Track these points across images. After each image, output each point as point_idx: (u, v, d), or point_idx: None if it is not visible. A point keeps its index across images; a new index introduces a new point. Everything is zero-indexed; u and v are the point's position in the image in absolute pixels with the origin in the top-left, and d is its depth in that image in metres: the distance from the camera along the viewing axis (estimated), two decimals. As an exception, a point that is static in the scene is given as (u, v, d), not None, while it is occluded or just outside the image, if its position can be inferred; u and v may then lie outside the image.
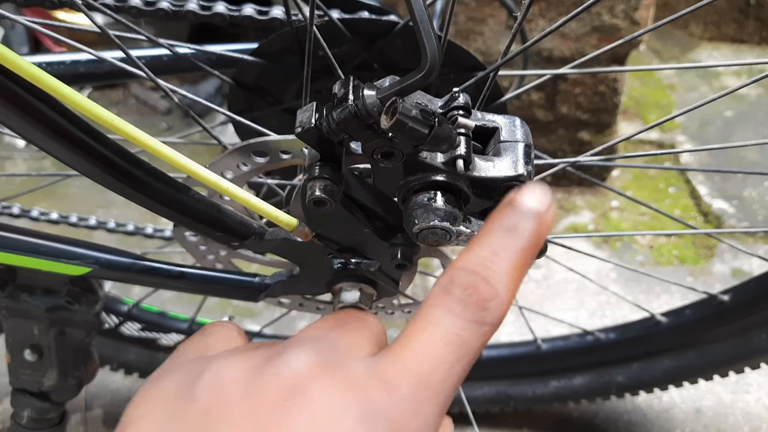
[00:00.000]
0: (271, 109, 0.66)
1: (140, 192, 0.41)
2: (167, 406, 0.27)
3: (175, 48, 0.60)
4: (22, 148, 1.96)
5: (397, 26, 0.57)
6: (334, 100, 0.32)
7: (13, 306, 0.61)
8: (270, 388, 0.25)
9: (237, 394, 0.26)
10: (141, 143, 0.35)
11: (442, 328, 0.26)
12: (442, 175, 0.34)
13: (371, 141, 0.32)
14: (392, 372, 0.26)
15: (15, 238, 0.53)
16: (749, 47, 2.47)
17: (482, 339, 0.26)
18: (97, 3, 0.49)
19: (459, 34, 1.52)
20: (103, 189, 0.41)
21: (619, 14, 1.44)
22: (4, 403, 1.18)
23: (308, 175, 0.36)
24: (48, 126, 0.35)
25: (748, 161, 1.83)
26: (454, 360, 0.26)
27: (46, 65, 0.62)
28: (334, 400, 0.25)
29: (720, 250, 1.54)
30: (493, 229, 0.29)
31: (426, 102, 0.35)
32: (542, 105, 1.65)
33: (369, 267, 0.47)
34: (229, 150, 0.45)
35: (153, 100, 2.15)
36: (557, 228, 1.64)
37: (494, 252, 0.28)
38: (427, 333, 0.26)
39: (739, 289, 0.82)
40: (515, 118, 0.36)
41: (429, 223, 0.33)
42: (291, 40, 0.59)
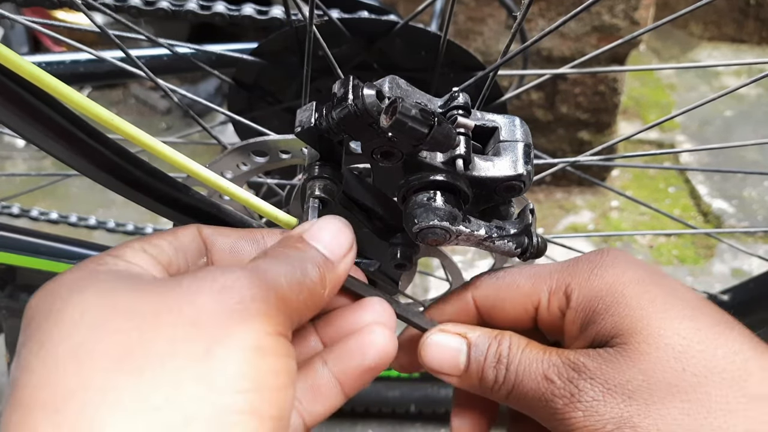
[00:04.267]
0: (270, 108, 0.66)
1: (140, 192, 0.41)
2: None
3: (175, 48, 0.60)
4: (21, 148, 1.96)
5: (396, 26, 0.57)
6: (334, 100, 0.32)
7: (13, 306, 0.61)
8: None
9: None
10: (141, 143, 0.35)
11: None
12: (441, 175, 0.34)
13: (371, 140, 0.32)
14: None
15: (15, 238, 0.53)
16: (749, 47, 2.47)
17: None
18: (96, 3, 0.49)
19: (459, 33, 1.52)
20: (102, 189, 0.41)
21: (619, 14, 1.44)
22: (5, 402, 1.18)
23: (308, 174, 0.36)
24: (48, 125, 0.35)
25: (748, 161, 1.83)
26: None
27: (46, 65, 0.62)
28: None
29: (720, 249, 1.54)
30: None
31: (425, 101, 0.35)
32: (542, 105, 1.65)
33: (368, 267, 0.47)
34: (229, 150, 0.45)
35: (153, 99, 2.15)
36: (557, 228, 1.64)
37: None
38: None
39: (738, 288, 0.82)
40: (515, 117, 0.36)
41: (429, 222, 0.33)
42: (291, 40, 0.59)
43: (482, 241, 0.35)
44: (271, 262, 0.29)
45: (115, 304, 0.25)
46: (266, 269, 0.28)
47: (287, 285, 0.29)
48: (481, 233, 0.35)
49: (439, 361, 0.35)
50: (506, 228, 0.36)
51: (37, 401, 0.23)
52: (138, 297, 0.26)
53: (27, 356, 0.24)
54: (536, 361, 0.33)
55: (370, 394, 1.11)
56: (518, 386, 0.33)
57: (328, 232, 0.32)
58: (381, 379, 1.11)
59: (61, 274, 0.28)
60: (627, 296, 0.32)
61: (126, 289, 0.26)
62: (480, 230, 0.35)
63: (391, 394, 1.11)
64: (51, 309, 0.25)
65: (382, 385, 1.11)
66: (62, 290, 0.26)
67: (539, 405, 0.32)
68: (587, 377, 0.31)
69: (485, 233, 0.35)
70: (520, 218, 0.37)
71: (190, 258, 0.32)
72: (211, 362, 0.24)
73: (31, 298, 0.28)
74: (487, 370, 0.34)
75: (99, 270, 0.28)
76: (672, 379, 0.29)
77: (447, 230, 0.33)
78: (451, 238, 0.34)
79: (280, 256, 0.30)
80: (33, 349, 0.24)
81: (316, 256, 0.31)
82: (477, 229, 0.34)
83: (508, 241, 0.36)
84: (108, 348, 0.24)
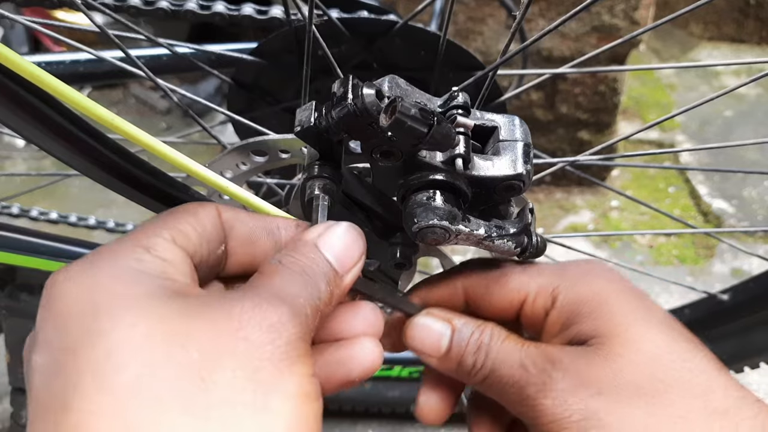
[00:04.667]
0: (270, 108, 0.66)
1: (140, 191, 0.41)
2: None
3: (175, 48, 0.60)
4: (21, 148, 1.96)
5: (396, 26, 0.57)
6: (333, 99, 0.32)
7: (12, 305, 0.61)
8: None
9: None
10: (141, 142, 0.35)
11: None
12: (441, 174, 0.34)
13: (370, 140, 0.32)
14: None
15: (15, 238, 0.53)
16: (749, 47, 2.47)
17: None
18: (96, 3, 0.49)
19: (459, 33, 1.52)
20: (102, 188, 0.41)
21: (618, 14, 1.44)
22: (4, 402, 1.18)
23: (307, 174, 0.36)
24: (48, 125, 0.35)
25: (748, 161, 1.83)
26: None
27: (46, 65, 0.62)
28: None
29: (720, 249, 1.54)
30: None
31: (425, 101, 0.35)
32: (542, 105, 1.65)
33: (368, 266, 0.47)
34: (229, 149, 0.45)
35: (152, 99, 2.15)
36: (557, 227, 1.64)
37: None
38: None
39: (738, 288, 0.82)
40: (514, 117, 0.36)
41: (428, 221, 0.33)
42: (290, 40, 0.59)
43: (481, 241, 0.35)
44: (293, 283, 0.29)
45: (172, 332, 0.24)
46: (295, 295, 0.28)
47: (311, 313, 0.29)
48: (481, 233, 0.35)
49: (422, 342, 0.37)
50: (506, 227, 0.36)
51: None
52: (192, 324, 0.25)
53: (77, 375, 0.23)
54: (514, 351, 0.34)
55: (370, 394, 1.11)
56: (494, 372, 0.34)
57: (342, 242, 0.32)
58: (381, 379, 1.11)
59: (92, 263, 0.27)
60: (610, 304, 0.34)
61: (178, 311, 0.25)
62: (479, 230, 0.35)
63: (391, 394, 1.11)
64: (99, 327, 0.24)
65: (382, 385, 1.11)
66: (105, 301, 0.25)
67: (511, 391, 0.33)
68: (560, 369, 0.33)
69: (484, 233, 0.35)
70: (520, 218, 0.37)
71: (211, 247, 0.31)
72: (268, 414, 0.24)
73: (57, 290, 0.26)
74: (467, 355, 0.35)
75: (140, 274, 0.27)
76: (641, 381, 0.31)
77: (446, 229, 0.33)
78: (451, 237, 0.34)
79: (297, 273, 0.30)
80: (83, 368, 0.23)
81: (326, 270, 0.31)
82: (476, 229, 0.35)
83: (507, 240, 0.36)
84: (172, 387, 0.23)
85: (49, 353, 0.25)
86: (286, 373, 0.25)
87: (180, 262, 0.29)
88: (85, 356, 0.23)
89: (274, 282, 0.29)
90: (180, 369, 0.23)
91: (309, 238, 0.32)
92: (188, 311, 0.26)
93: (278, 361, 0.25)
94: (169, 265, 0.28)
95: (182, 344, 0.24)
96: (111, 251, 0.28)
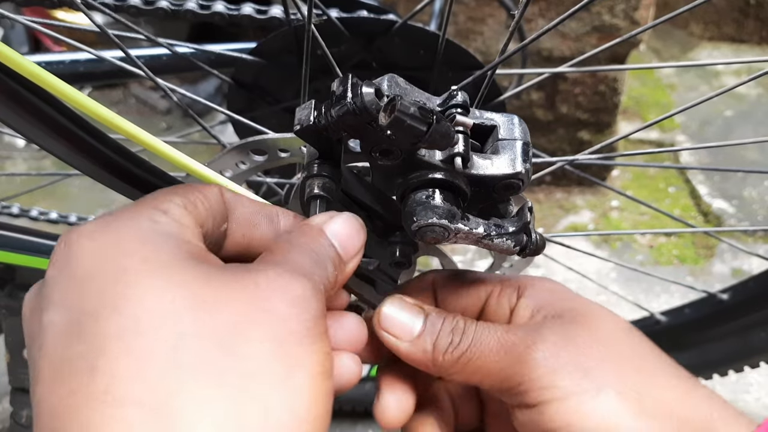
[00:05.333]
0: (270, 108, 0.66)
1: (140, 190, 0.41)
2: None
3: (175, 47, 0.60)
4: (22, 148, 1.96)
5: (395, 25, 0.57)
6: (333, 98, 0.32)
7: (12, 305, 0.61)
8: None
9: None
10: (141, 142, 0.35)
11: None
12: (440, 173, 0.34)
13: (370, 139, 0.32)
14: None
15: (15, 237, 0.53)
16: (749, 47, 2.47)
17: None
18: (96, 2, 0.49)
19: (459, 33, 1.52)
20: (102, 188, 0.41)
21: (619, 14, 1.44)
22: (4, 402, 1.18)
23: (307, 173, 0.36)
24: (49, 124, 0.35)
25: (748, 161, 1.83)
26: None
27: (46, 65, 0.63)
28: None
29: (720, 249, 1.54)
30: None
31: (424, 100, 0.35)
32: (542, 104, 1.65)
33: (368, 265, 0.47)
34: (228, 148, 0.46)
35: (153, 99, 2.15)
36: (557, 227, 1.64)
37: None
38: None
39: (738, 288, 0.82)
40: (513, 116, 0.37)
41: (428, 220, 0.33)
42: (290, 40, 0.59)
43: (481, 239, 0.35)
44: (307, 261, 0.29)
45: (200, 299, 0.24)
46: (313, 273, 0.28)
47: (324, 291, 0.29)
48: (480, 231, 0.35)
49: (393, 323, 0.35)
50: (505, 226, 0.36)
51: (131, 398, 0.22)
52: (219, 292, 0.25)
53: (103, 340, 0.23)
54: (492, 327, 0.35)
55: (370, 394, 1.11)
56: (475, 346, 0.34)
57: (346, 229, 0.33)
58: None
59: (111, 222, 0.26)
60: (574, 294, 0.37)
61: (204, 278, 0.25)
62: (478, 228, 0.35)
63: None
64: (125, 292, 0.24)
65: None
66: (130, 264, 0.24)
67: (494, 359, 0.33)
68: (548, 328, 0.34)
69: (484, 231, 0.35)
70: (519, 216, 0.37)
71: (216, 223, 0.31)
72: (292, 389, 0.24)
73: (76, 248, 0.25)
74: (443, 335, 0.34)
75: (161, 235, 0.26)
76: (622, 347, 0.34)
77: (446, 228, 0.33)
78: (450, 236, 0.34)
79: (309, 253, 0.30)
80: (110, 332, 0.23)
81: (332, 254, 0.31)
82: (475, 227, 0.35)
83: (506, 239, 0.36)
84: (200, 356, 0.23)
85: (68, 314, 0.24)
86: (309, 349, 0.25)
87: (193, 227, 0.28)
88: (112, 321, 0.23)
89: (292, 257, 0.29)
90: (208, 338, 0.23)
91: (315, 223, 0.32)
92: (213, 278, 0.25)
93: (303, 336, 0.25)
94: (184, 229, 0.27)
95: (210, 312, 0.24)
96: (129, 212, 0.27)
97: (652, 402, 0.31)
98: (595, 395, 0.31)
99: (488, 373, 0.33)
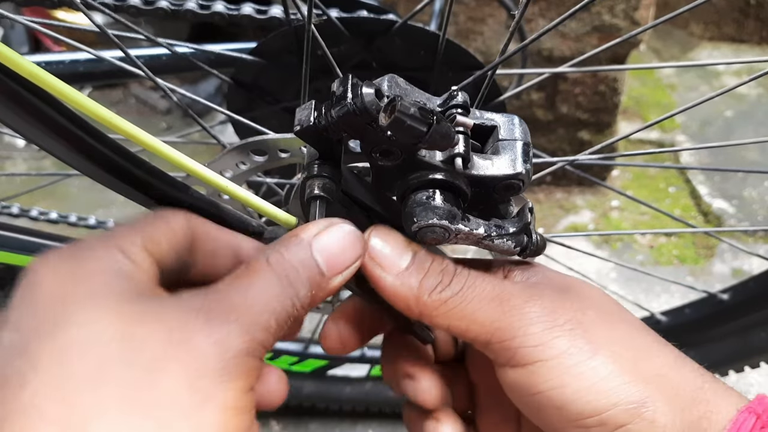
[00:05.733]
0: (270, 108, 0.66)
1: (140, 191, 0.41)
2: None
3: (175, 47, 0.60)
4: (21, 148, 1.96)
5: (395, 25, 0.57)
6: (333, 99, 0.32)
7: (12, 305, 0.61)
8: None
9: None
10: (141, 142, 0.35)
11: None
12: (440, 174, 0.34)
13: (370, 139, 0.32)
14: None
15: (15, 238, 0.53)
16: (749, 47, 2.47)
17: None
18: (96, 2, 0.49)
19: (459, 33, 1.52)
20: (102, 188, 0.41)
21: (619, 14, 1.44)
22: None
23: (307, 173, 0.36)
24: (48, 125, 0.35)
25: (748, 161, 1.83)
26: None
27: (46, 65, 0.63)
28: None
29: (720, 249, 1.54)
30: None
31: (424, 100, 0.35)
32: (542, 105, 1.65)
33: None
34: (229, 149, 0.46)
35: (153, 99, 2.15)
36: (557, 227, 1.64)
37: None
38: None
39: (738, 288, 0.82)
40: (513, 116, 0.36)
41: (428, 221, 0.33)
42: (290, 40, 0.59)
43: (481, 240, 0.35)
44: (267, 290, 0.30)
45: (130, 333, 0.26)
46: (261, 307, 0.29)
47: (276, 324, 0.29)
48: (480, 232, 0.35)
49: (381, 252, 0.34)
50: (505, 227, 0.36)
51: (50, 415, 0.24)
52: (149, 327, 0.27)
53: (38, 357, 0.25)
54: (485, 274, 0.34)
55: (370, 394, 1.11)
56: (468, 289, 0.33)
57: (338, 243, 0.32)
58: (381, 379, 1.11)
59: (71, 255, 0.29)
60: (559, 272, 0.38)
61: (138, 313, 0.27)
62: (479, 229, 0.35)
63: (391, 394, 1.11)
64: (66, 318, 0.26)
65: (383, 385, 1.11)
66: (77, 294, 0.27)
67: (487, 307, 0.32)
68: (546, 287, 0.34)
69: (484, 232, 0.35)
70: (519, 217, 0.37)
71: (180, 255, 0.33)
72: (200, 421, 0.26)
73: (36, 275, 0.28)
74: (431, 274, 0.34)
75: (111, 273, 0.29)
76: (614, 316, 0.34)
77: (446, 229, 0.33)
78: (450, 236, 0.34)
79: (278, 277, 0.30)
80: (45, 351, 0.25)
81: (312, 273, 0.31)
82: (476, 228, 0.35)
83: (507, 239, 0.36)
84: (119, 383, 0.25)
85: (18, 332, 0.26)
86: (224, 385, 0.27)
87: (148, 267, 0.31)
88: (49, 341, 0.25)
89: (244, 289, 0.30)
90: (129, 369, 0.25)
91: (304, 236, 0.32)
92: (147, 314, 0.27)
93: (219, 374, 0.27)
94: (138, 268, 0.30)
95: (136, 346, 0.26)
96: (90, 248, 0.30)
97: (645, 368, 0.31)
98: (591, 356, 0.31)
99: (476, 321, 0.33)
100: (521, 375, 0.32)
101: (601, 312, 0.34)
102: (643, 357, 0.32)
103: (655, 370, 0.31)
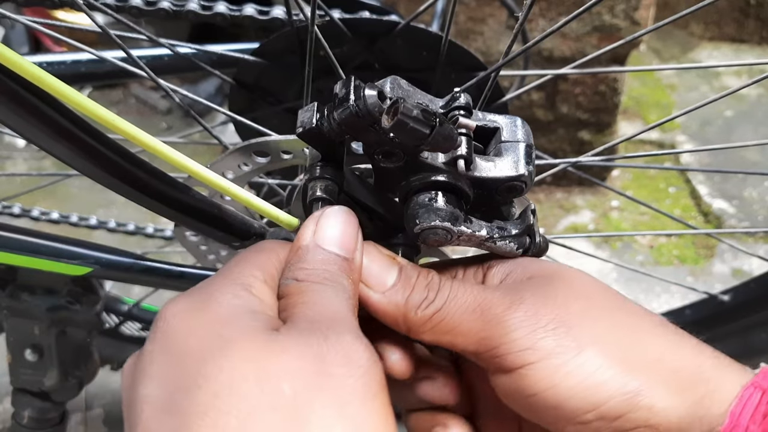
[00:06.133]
0: (271, 109, 0.66)
1: (141, 192, 0.41)
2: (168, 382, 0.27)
3: (176, 48, 0.60)
4: (22, 148, 1.96)
5: (398, 26, 0.57)
6: (335, 100, 0.32)
7: (13, 306, 0.61)
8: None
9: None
10: (142, 143, 0.35)
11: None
12: (443, 175, 0.34)
13: (372, 141, 0.32)
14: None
15: (16, 238, 0.53)
16: (749, 47, 2.47)
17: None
18: (97, 2, 0.49)
19: (459, 33, 1.52)
20: (103, 189, 0.41)
21: (619, 14, 1.44)
22: (5, 402, 1.18)
23: (309, 175, 0.36)
24: (49, 125, 0.35)
25: (749, 161, 1.83)
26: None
27: (47, 65, 0.62)
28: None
29: (720, 250, 1.54)
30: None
31: (427, 102, 0.35)
32: (542, 105, 1.65)
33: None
34: (230, 150, 0.45)
35: (153, 99, 2.15)
36: (557, 227, 1.64)
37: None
38: None
39: (739, 289, 0.81)
40: (516, 118, 0.36)
41: (430, 223, 0.33)
42: (292, 40, 0.59)
43: (484, 242, 0.35)
44: (327, 297, 0.30)
45: (267, 371, 0.26)
46: (337, 311, 0.30)
47: (354, 317, 0.30)
48: (483, 234, 0.35)
49: (368, 269, 0.34)
50: (508, 228, 0.36)
51: None
52: (283, 361, 0.27)
53: (189, 416, 0.25)
54: (468, 285, 0.34)
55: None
56: (451, 302, 0.33)
57: (337, 229, 0.33)
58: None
59: (197, 301, 0.30)
60: (541, 260, 0.37)
61: (271, 349, 0.27)
62: (481, 231, 0.35)
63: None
64: (206, 371, 0.26)
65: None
66: (211, 344, 0.27)
67: (470, 319, 0.32)
68: (526, 289, 0.33)
69: (486, 234, 0.35)
70: (522, 219, 0.37)
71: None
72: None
73: (168, 326, 0.29)
74: (418, 288, 0.34)
75: (239, 312, 0.29)
76: (602, 302, 0.33)
77: (448, 231, 0.33)
78: (453, 238, 0.34)
79: (322, 285, 0.31)
80: (194, 409, 0.25)
81: (340, 263, 0.32)
82: (478, 230, 0.34)
83: (509, 241, 0.36)
84: (271, 426, 0.25)
85: (164, 389, 0.27)
86: (370, 406, 0.26)
87: (270, 300, 0.31)
88: (196, 397, 0.25)
89: (314, 307, 0.30)
90: (277, 410, 0.25)
91: (307, 243, 0.32)
92: (279, 348, 0.27)
93: (362, 394, 0.26)
94: (263, 303, 0.30)
95: (276, 384, 0.26)
96: (216, 289, 0.30)
97: (637, 355, 0.31)
98: (578, 353, 0.30)
99: (461, 334, 0.33)
100: (513, 380, 0.31)
101: (588, 301, 0.33)
102: (635, 344, 0.31)
103: (650, 355, 0.31)
